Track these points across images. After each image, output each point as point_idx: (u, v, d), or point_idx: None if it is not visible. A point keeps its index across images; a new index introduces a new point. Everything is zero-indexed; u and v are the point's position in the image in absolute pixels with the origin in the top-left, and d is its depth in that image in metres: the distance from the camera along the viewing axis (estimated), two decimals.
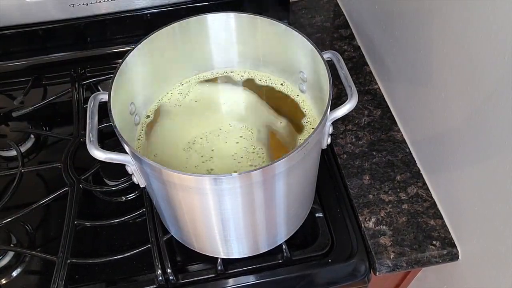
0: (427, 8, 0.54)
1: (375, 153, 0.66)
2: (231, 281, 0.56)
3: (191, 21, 0.54)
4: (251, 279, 0.56)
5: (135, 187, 0.64)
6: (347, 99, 0.46)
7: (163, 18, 0.75)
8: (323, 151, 0.55)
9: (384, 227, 0.59)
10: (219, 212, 0.47)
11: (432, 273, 0.66)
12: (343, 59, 0.52)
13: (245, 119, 0.57)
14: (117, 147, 0.46)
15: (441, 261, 0.57)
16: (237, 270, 0.57)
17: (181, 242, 0.57)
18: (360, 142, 0.68)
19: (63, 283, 0.54)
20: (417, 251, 0.57)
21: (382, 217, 0.60)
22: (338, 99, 0.72)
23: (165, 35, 0.53)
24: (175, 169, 0.41)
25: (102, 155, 0.44)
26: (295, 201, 0.52)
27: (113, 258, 0.57)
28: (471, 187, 0.53)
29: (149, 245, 0.57)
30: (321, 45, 0.81)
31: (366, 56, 0.78)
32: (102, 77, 0.78)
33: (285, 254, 0.57)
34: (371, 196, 0.62)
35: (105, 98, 0.48)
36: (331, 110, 0.46)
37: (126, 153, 0.45)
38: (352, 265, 0.57)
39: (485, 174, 0.50)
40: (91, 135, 0.45)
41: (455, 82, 0.52)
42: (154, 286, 0.56)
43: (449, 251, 0.57)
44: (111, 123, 0.44)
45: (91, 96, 0.48)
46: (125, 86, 0.51)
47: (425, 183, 0.63)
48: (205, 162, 0.52)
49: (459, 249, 0.57)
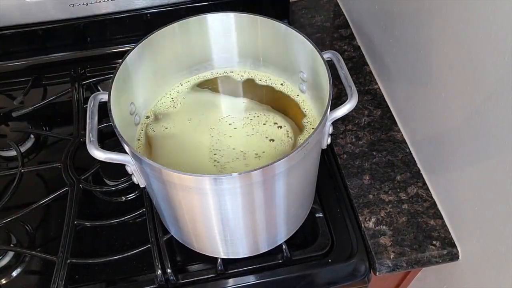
0: (427, 8, 0.54)
1: (375, 153, 0.66)
2: (231, 281, 0.56)
3: (191, 21, 0.54)
4: (251, 279, 0.56)
5: (135, 187, 0.64)
6: (347, 99, 0.47)
7: (163, 18, 0.75)
8: (323, 151, 0.55)
9: (384, 227, 0.59)
10: (219, 212, 0.47)
11: (432, 273, 0.66)
12: (343, 59, 0.52)
13: (245, 118, 0.57)
14: (117, 147, 0.47)
15: (441, 261, 0.57)
16: (237, 270, 0.57)
17: (181, 242, 0.57)
18: (360, 142, 0.68)
19: (63, 283, 0.54)
20: (417, 251, 0.57)
21: (382, 217, 0.60)
22: (338, 99, 0.72)
23: (165, 35, 0.53)
24: (176, 168, 0.41)
25: (102, 155, 0.44)
26: (295, 201, 0.52)
27: (113, 258, 0.57)
28: (471, 187, 0.53)
29: (149, 245, 0.57)
30: (321, 45, 0.81)
31: (366, 56, 0.78)
32: (102, 77, 0.78)
33: (285, 254, 0.57)
34: (371, 196, 0.62)
35: (105, 98, 0.48)
36: (331, 110, 0.46)
37: (126, 153, 0.45)
38: (352, 265, 0.57)
39: (485, 174, 0.50)
40: (91, 135, 0.45)
41: (455, 82, 0.52)
42: (154, 286, 0.56)
43: (449, 251, 0.57)
44: (111, 123, 0.44)
45: (91, 96, 0.48)
46: (125, 86, 0.51)
47: (425, 183, 0.63)
48: (206, 161, 0.52)
49: (459, 249, 0.57)
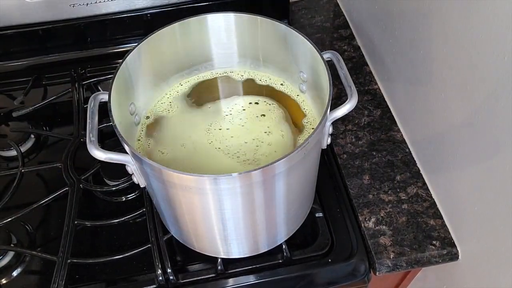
0: (427, 8, 0.54)
1: (375, 153, 0.66)
2: (231, 281, 0.56)
3: (191, 21, 0.54)
4: (251, 279, 0.56)
5: (135, 187, 0.64)
6: (347, 99, 0.47)
7: (163, 18, 0.75)
8: (323, 151, 0.55)
9: (384, 227, 0.59)
10: (219, 212, 0.47)
11: (432, 273, 0.66)
12: (343, 59, 0.52)
13: (245, 118, 0.57)
14: (117, 147, 0.47)
15: (441, 261, 0.58)
16: (237, 270, 0.57)
17: (181, 242, 0.57)
18: (360, 142, 0.68)
19: (63, 283, 0.54)
20: (417, 251, 0.57)
21: (382, 217, 0.60)
22: (338, 99, 0.72)
23: (165, 35, 0.53)
24: (176, 168, 0.41)
25: (102, 155, 0.44)
26: (295, 201, 0.52)
27: (113, 258, 0.57)
28: (471, 187, 0.53)
29: (149, 245, 0.57)
30: (321, 45, 0.81)
31: (366, 56, 0.78)
32: (102, 77, 0.78)
33: (285, 254, 0.57)
34: (371, 196, 0.62)
35: (105, 98, 0.48)
36: (331, 110, 0.46)
37: (126, 153, 0.45)
38: (352, 265, 0.57)
39: (485, 174, 0.50)
40: (91, 135, 0.45)
41: (455, 82, 0.52)
42: (154, 286, 0.56)
43: (449, 251, 0.57)
44: (111, 123, 0.44)
45: (91, 96, 0.48)
46: (125, 86, 0.51)
47: (425, 183, 0.63)
48: (205, 161, 0.52)
49: (459, 249, 0.57)
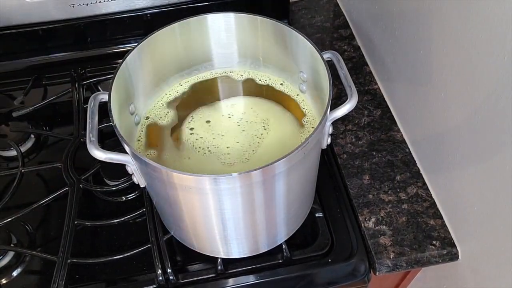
0: (427, 8, 0.54)
1: (375, 153, 0.66)
2: (231, 281, 0.56)
3: (191, 21, 0.54)
4: (251, 279, 0.56)
5: (135, 187, 0.64)
6: (347, 99, 0.47)
7: (163, 18, 0.75)
8: (323, 151, 0.55)
9: (384, 227, 0.59)
10: (219, 212, 0.47)
11: (432, 273, 0.66)
12: (343, 59, 0.52)
13: (245, 118, 0.57)
14: (117, 147, 0.47)
15: (441, 261, 0.58)
16: (237, 270, 0.57)
17: (181, 242, 0.57)
18: (360, 142, 0.68)
19: (63, 283, 0.54)
20: (417, 251, 0.57)
21: (382, 217, 0.60)
22: (338, 99, 0.72)
23: (165, 35, 0.53)
24: (176, 168, 0.41)
25: (102, 155, 0.44)
26: (295, 201, 0.52)
27: (113, 258, 0.57)
28: (471, 187, 0.53)
29: (149, 245, 0.57)
30: (321, 45, 0.81)
31: (366, 56, 0.78)
32: (102, 77, 0.78)
33: (285, 254, 0.57)
34: (371, 196, 0.62)
35: (105, 98, 0.48)
36: (331, 110, 0.46)
37: (126, 153, 0.45)
38: (352, 265, 0.57)
39: (485, 174, 0.50)
40: (91, 135, 0.45)
41: (455, 82, 0.52)
42: (154, 286, 0.56)
43: (449, 251, 0.57)
44: (111, 123, 0.44)
45: (91, 96, 0.48)
46: (125, 86, 0.51)
47: (425, 183, 0.63)
48: (205, 161, 0.53)
49: (459, 249, 0.57)
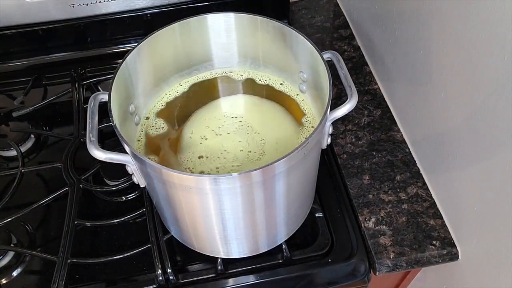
0: (427, 8, 0.55)
1: (375, 153, 0.66)
2: (231, 281, 0.56)
3: (191, 21, 0.54)
4: (251, 279, 0.56)
5: (135, 187, 0.64)
6: (347, 99, 0.47)
7: (163, 18, 0.75)
8: (323, 151, 0.55)
9: (384, 227, 0.59)
10: (219, 212, 0.47)
11: (432, 273, 0.66)
12: (343, 59, 0.52)
13: (244, 117, 0.57)
14: (117, 147, 0.47)
15: (441, 261, 0.58)
16: (237, 270, 0.57)
17: (181, 242, 0.57)
18: (360, 142, 0.68)
19: (63, 283, 0.54)
20: (417, 251, 0.57)
21: (382, 217, 0.60)
22: (338, 99, 0.72)
23: (165, 35, 0.53)
24: (176, 168, 0.41)
25: (102, 155, 0.44)
26: (295, 201, 0.52)
27: (113, 258, 0.57)
28: (471, 187, 0.53)
29: (149, 245, 0.57)
30: (321, 45, 0.81)
31: (366, 56, 0.78)
32: (102, 77, 0.78)
33: (285, 254, 0.57)
34: (371, 196, 0.62)
35: (105, 98, 0.48)
36: (331, 110, 0.46)
37: (126, 153, 0.45)
38: (352, 265, 0.57)
39: (485, 174, 0.50)
40: (91, 135, 0.45)
41: (455, 82, 0.52)
42: (154, 286, 0.56)
43: (449, 251, 0.57)
44: (111, 123, 0.44)
45: (91, 96, 0.48)
46: (125, 86, 0.51)
47: (425, 183, 0.63)
48: (206, 160, 0.52)
49: (459, 249, 0.57)
